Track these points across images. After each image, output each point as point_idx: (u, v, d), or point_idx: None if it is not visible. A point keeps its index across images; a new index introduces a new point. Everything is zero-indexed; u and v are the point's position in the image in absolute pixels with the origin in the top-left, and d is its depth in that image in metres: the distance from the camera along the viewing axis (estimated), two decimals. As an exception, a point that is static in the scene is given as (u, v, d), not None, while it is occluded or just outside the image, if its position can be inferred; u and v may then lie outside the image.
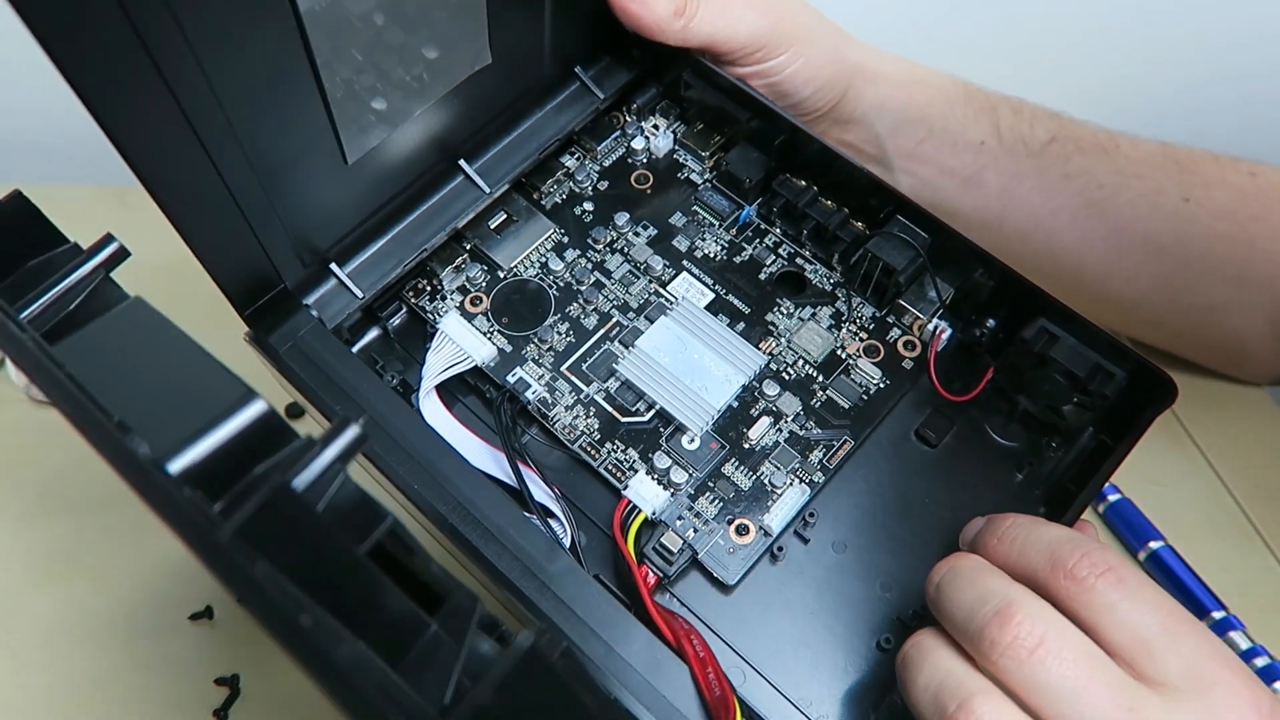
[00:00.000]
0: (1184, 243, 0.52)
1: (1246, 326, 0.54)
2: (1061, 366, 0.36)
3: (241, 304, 0.34)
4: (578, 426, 0.37)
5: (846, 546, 0.36)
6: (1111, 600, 0.28)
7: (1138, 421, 0.35)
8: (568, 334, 0.39)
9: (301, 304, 0.36)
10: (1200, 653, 0.28)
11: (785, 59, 0.42)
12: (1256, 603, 0.48)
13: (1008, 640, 0.28)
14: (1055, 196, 0.51)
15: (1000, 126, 0.51)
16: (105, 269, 0.25)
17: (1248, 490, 0.53)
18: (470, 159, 0.39)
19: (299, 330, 0.35)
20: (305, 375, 0.34)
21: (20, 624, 0.38)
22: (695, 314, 0.39)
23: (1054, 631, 0.28)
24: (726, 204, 0.42)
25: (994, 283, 0.38)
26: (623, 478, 0.36)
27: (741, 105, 0.41)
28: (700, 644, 0.31)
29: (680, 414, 0.37)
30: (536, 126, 0.41)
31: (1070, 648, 0.28)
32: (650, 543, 0.35)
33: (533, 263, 0.40)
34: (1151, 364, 0.35)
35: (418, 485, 0.32)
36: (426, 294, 0.40)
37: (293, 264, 0.35)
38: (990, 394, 0.39)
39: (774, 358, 0.39)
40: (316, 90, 0.31)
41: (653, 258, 0.40)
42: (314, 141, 0.32)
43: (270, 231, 0.33)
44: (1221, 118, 0.71)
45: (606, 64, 0.42)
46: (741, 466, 0.37)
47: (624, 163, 0.43)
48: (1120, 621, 0.28)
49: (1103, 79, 0.74)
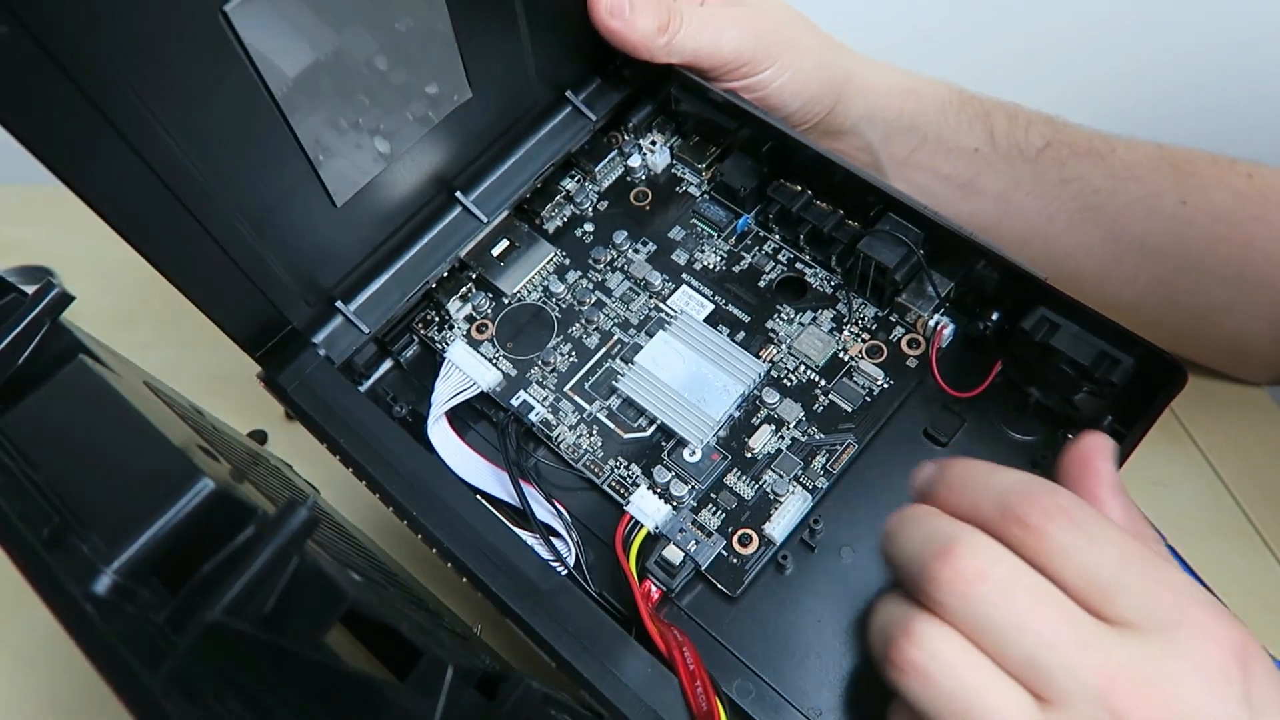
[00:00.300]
0: (1182, 245, 0.51)
1: (1246, 327, 0.54)
2: (1065, 355, 0.35)
3: (252, 347, 0.36)
4: (581, 445, 0.38)
5: (854, 551, 0.36)
6: (1064, 543, 0.26)
7: (1150, 408, 0.34)
8: (570, 354, 0.40)
9: (310, 342, 0.38)
10: (1163, 589, 0.26)
11: (772, 73, 0.42)
12: (1256, 603, 0.47)
13: (947, 575, 0.27)
14: (1052, 201, 0.51)
15: (994, 132, 0.51)
16: (49, 316, 0.25)
17: (1248, 490, 0.53)
18: (466, 190, 0.40)
19: (305, 369, 0.36)
20: (313, 413, 0.35)
21: (20, 624, 0.38)
22: (693, 327, 0.39)
23: (997, 564, 0.26)
24: (724, 214, 0.42)
25: (997, 275, 0.37)
26: (626, 494, 0.37)
27: (730, 116, 0.41)
28: (692, 656, 0.31)
29: (680, 427, 0.37)
30: (531, 153, 0.42)
31: (1015, 580, 0.26)
32: (652, 557, 0.35)
33: (535, 286, 0.41)
34: (1160, 349, 0.33)
35: (416, 513, 0.33)
36: (435, 325, 0.41)
37: (298, 305, 0.37)
38: (1002, 388, 0.38)
39: (774, 365, 0.39)
40: (292, 139, 0.32)
41: (652, 273, 0.41)
42: (298, 188, 0.33)
43: (269, 278, 0.34)
44: (1218, 120, 0.70)
45: (598, 86, 0.43)
46: (744, 476, 0.37)
47: (623, 181, 0.44)
48: (1076, 565, 0.26)
49: (1099, 82, 0.74)
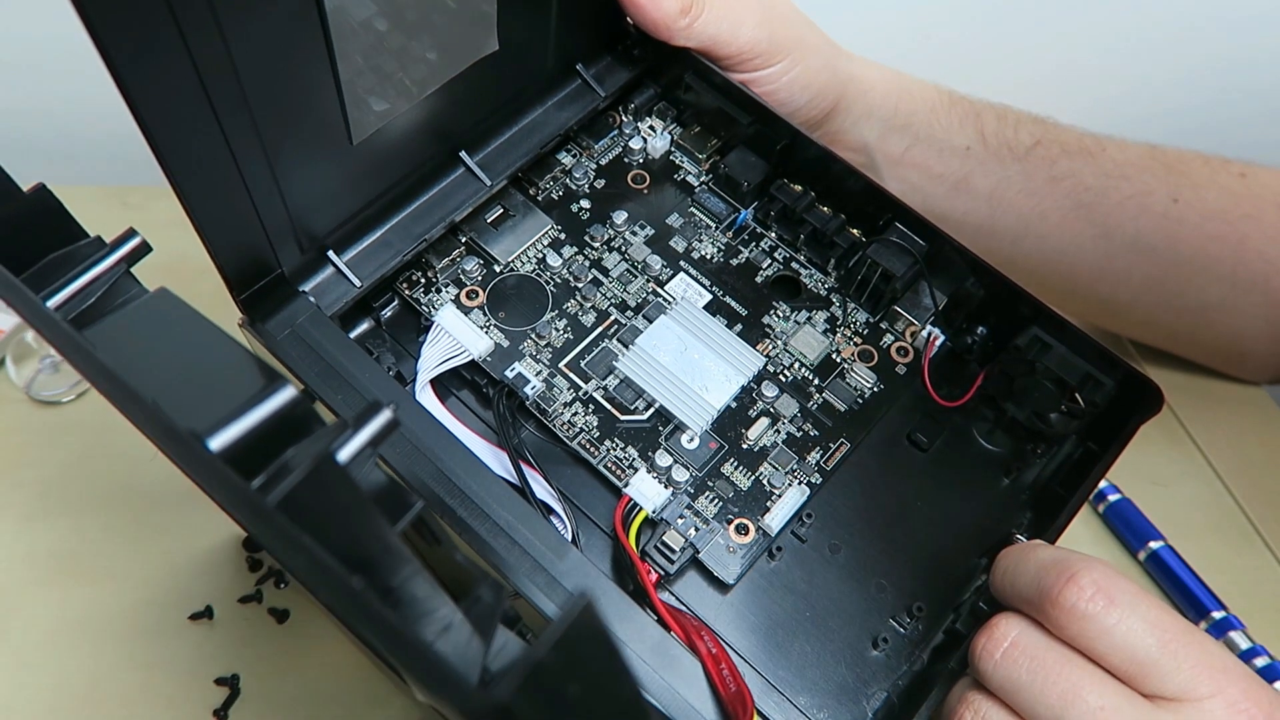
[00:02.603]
0: (1174, 243, 0.51)
1: (1241, 325, 0.54)
2: (1053, 374, 0.37)
3: (238, 287, 0.33)
4: (576, 424, 0.37)
5: (841, 547, 0.37)
6: (1106, 625, 0.28)
7: (1124, 429, 0.36)
8: (565, 330, 0.39)
9: (298, 291, 0.35)
10: (1200, 666, 0.28)
11: (781, 68, 0.42)
12: (1256, 603, 0.47)
13: (981, 644, 0.30)
14: (1043, 199, 0.52)
15: (985, 132, 0.51)
16: (127, 263, 0.25)
17: (1248, 490, 0.53)
18: (471, 151, 0.39)
19: (298, 317, 0.34)
20: (305, 363, 0.33)
21: (20, 624, 0.38)
22: (695, 314, 0.39)
23: (1026, 633, 0.29)
24: (723, 207, 0.42)
25: (983, 292, 0.39)
26: (622, 476, 0.36)
27: (743, 109, 0.41)
28: (712, 640, 0.30)
29: (680, 413, 0.37)
30: (537, 122, 0.40)
31: (1043, 645, 0.29)
32: (651, 541, 0.35)
33: (529, 258, 0.40)
34: (1139, 372, 0.36)
35: (425, 478, 0.31)
36: (421, 286, 0.39)
37: (290, 248, 0.34)
38: (977, 400, 0.40)
39: (771, 360, 0.39)
40: (329, 64, 0.30)
41: (651, 257, 0.40)
42: (322, 117, 0.31)
43: (272, 210, 0.32)
44: (1210, 124, 0.70)
45: (608, 63, 0.42)
46: (740, 466, 0.37)
47: (620, 162, 0.43)
48: (1117, 645, 0.28)
49: (1089, 87, 0.74)
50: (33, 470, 0.43)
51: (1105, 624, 0.28)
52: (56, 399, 0.46)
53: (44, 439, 0.44)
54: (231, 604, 0.40)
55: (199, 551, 0.41)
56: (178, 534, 0.42)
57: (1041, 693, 0.29)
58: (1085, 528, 0.52)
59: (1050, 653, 0.29)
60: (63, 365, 0.48)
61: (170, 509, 0.42)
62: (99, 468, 0.43)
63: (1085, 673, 0.29)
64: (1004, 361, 0.38)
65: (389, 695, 0.38)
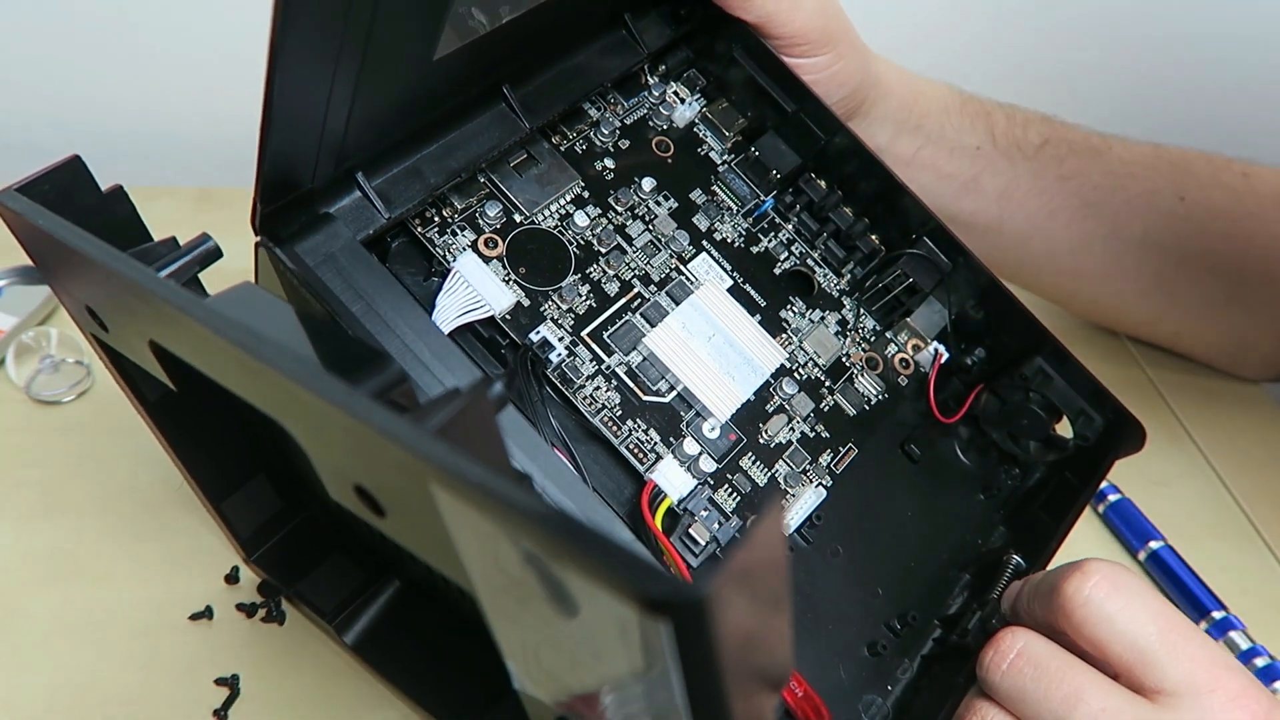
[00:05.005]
0: (1180, 241, 0.52)
1: (1245, 324, 0.55)
2: (1048, 403, 0.38)
3: (268, 197, 0.28)
4: (598, 399, 0.34)
5: (840, 551, 0.37)
6: (1109, 612, 0.30)
7: (1102, 463, 0.39)
8: (588, 297, 0.36)
9: (322, 214, 0.30)
10: (1200, 660, 0.29)
11: (827, 59, 0.41)
12: (1256, 603, 0.47)
13: (989, 656, 0.31)
14: (1052, 199, 0.52)
15: (994, 131, 0.51)
16: (199, 265, 0.25)
17: (1248, 490, 0.53)
18: (514, 87, 0.35)
19: (332, 244, 0.29)
20: (343, 297, 0.28)
21: (20, 624, 0.38)
22: (724, 300, 0.37)
23: (1032, 643, 0.31)
24: (746, 191, 0.41)
25: (983, 314, 0.40)
26: (644, 459, 0.34)
27: (790, 95, 0.40)
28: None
29: (706, 399, 0.35)
30: (578, 67, 0.37)
31: (1048, 654, 0.30)
32: (675, 534, 0.33)
33: (553, 213, 0.37)
34: (1126, 410, 0.38)
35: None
36: (435, 225, 0.35)
37: (328, 164, 0.29)
38: (960, 419, 0.41)
39: (788, 356, 0.38)
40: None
41: (678, 231, 0.38)
42: (424, 21, 0.27)
43: (337, 115, 0.27)
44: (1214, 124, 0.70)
45: (653, 17, 0.39)
46: (757, 461, 0.36)
47: (645, 124, 0.41)
48: (1119, 632, 0.30)
49: (1095, 87, 0.73)
50: (33, 470, 0.43)
51: (1108, 610, 0.30)
52: (56, 399, 0.45)
53: (44, 439, 0.44)
54: (231, 604, 0.39)
55: (199, 552, 0.40)
56: (178, 534, 0.41)
57: (1045, 697, 0.30)
58: (1085, 527, 0.50)
59: (1054, 660, 0.31)
60: (63, 365, 0.46)
61: (170, 509, 0.42)
62: (99, 468, 0.43)
63: (1088, 677, 0.30)
64: (1000, 385, 0.40)
65: (389, 696, 0.37)
